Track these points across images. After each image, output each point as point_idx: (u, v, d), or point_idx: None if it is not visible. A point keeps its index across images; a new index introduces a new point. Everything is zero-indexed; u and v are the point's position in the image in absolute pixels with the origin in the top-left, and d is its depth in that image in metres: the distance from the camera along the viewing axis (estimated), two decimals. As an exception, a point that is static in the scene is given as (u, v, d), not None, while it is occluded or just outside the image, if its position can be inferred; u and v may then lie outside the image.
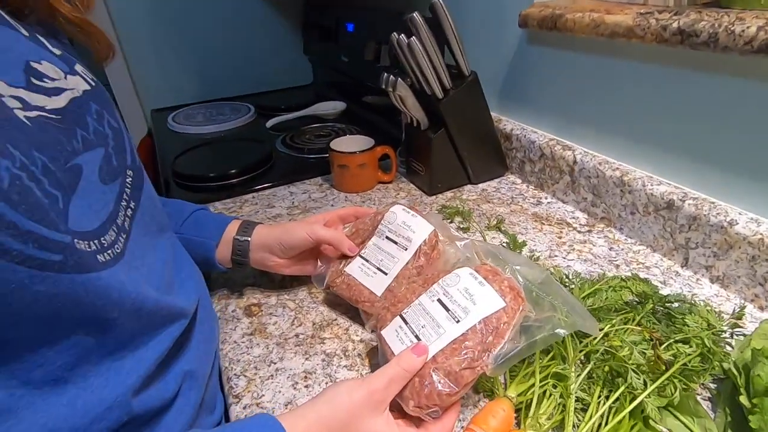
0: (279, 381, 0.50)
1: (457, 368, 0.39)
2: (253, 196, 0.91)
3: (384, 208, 0.61)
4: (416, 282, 0.50)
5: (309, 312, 0.60)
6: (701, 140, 0.61)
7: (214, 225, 0.59)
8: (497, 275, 0.46)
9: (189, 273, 0.48)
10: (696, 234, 0.61)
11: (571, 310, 0.43)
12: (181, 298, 0.43)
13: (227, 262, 0.59)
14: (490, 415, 0.39)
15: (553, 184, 0.83)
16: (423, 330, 0.44)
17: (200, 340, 0.46)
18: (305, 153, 1.08)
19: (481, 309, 0.42)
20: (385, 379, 0.39)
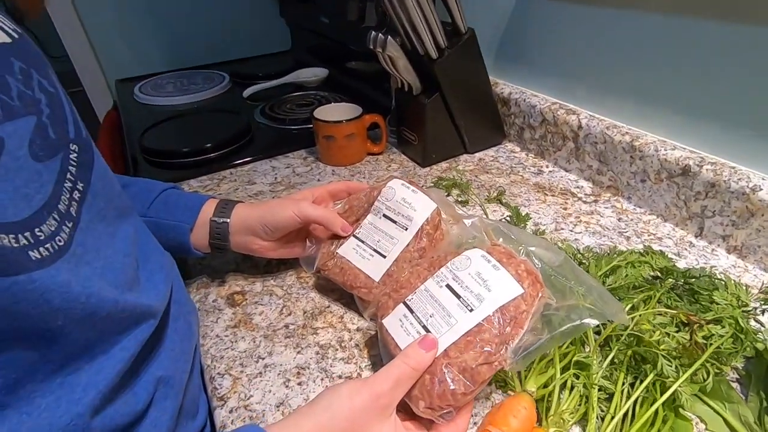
0: (269, 379, 0.45)
1: (473, 364, 0.35)
2: (231, 173, 0.83)
3: (380, 182, 0.55)
4: (420, 265, 0.44)
5: (299, 299, 0.55)
6: (721, 100, 0.56)
7: (188, 205, 0.52)
8: (512, 258, 0.41)
9: (158, 263, 0.42)
10: (713, 202, 0.57)
11: (596, 297, 0.38)
12: (148, 294, 0.37)
13: (204, 247, 0.53)
14: (511, 414, 0.34)
15: (555, 151, 0.78)
16: (431, 320, 0.39)
17: (175, 339, 0.40)
18: (287, 124, 1.00)
19: (497, 296, 0.37)
20: (391, 380, 0.34)
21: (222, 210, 0.52)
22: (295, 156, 0.88)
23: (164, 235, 0.50)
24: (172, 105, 1.18)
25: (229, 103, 1.18)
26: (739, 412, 0.38)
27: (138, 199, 0.51)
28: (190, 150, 0.88)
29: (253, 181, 0.80)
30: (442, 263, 0.43)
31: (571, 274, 0.41)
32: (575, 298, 0.38)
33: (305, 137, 0.92)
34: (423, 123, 0.76)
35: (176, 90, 1.24)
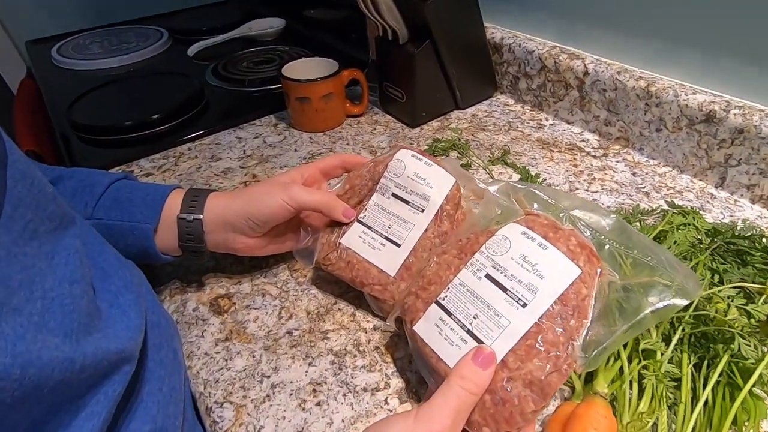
0: (279, 402, 0.37)
1: (541, 375, 0.29)
2: (190, 148, 0.71)
3: (385, 155, 0.46)
4: (448, 253, 0.37)
5: (298, 298, 0.46)
6: (747, 34, 0.50)
7: (146, 200, 0.41)
8: (557, 230, 0.34)
9: (122, 280, 0.32)
10: (740, 149, 0.53)
11: (668, 267, 0.32)
12: (116, 330, 0.28)
13: (174, 250, 0.42)
14: (591, 427, 0.29)
15: (556, 102, 0.71)
16: (476, 322, 0.32)
17: (161, 377, 0.32)
18: (246, 86, 0.86)
19: (553, 283, 0.31)
20: (450, 412, 0.27)
21: (191, 203, 0.41)
22: (263, 123, 0.76)
23: (120, 241, 0.39)
24: (102, 69, 0.99)
25: (172, 64, 1.01)
26: (811, 384, 0.35)
27: (78, 197, 0.39)
28: (134, 123, 0.73)
29: (218, 156, 0.68)
30: (474, 248, 0.35)
31: (629, 240, 0.35)
32: (645, 272, 0.32)
33: (271, 100, 0.80)
34: (412, 77, 0.67)
35: (104, 51, 1.05)
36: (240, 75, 0.90)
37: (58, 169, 0.41)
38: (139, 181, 0.45)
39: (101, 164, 0.67)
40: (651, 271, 0.33)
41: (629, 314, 0.31)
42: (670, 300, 0.30)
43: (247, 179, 0.63)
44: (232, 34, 1.07)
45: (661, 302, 0.31)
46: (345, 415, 0.36)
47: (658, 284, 0.31)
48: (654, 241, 0.35)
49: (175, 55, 1.06)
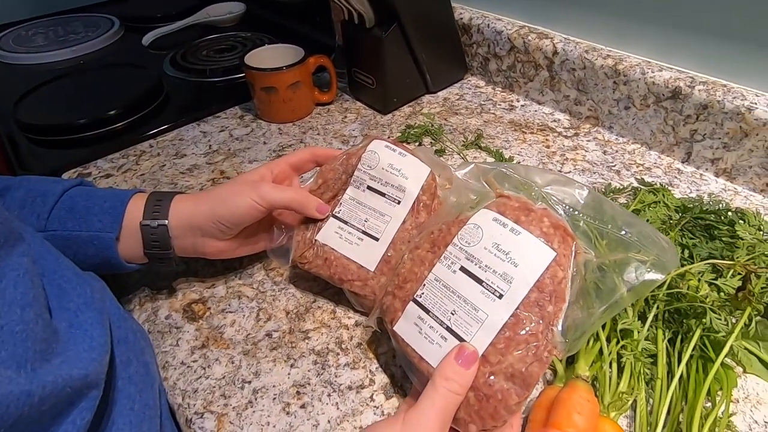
0: (263, 407, 0.37)
1: (522, 367, 0.28)
2: (152, 145, 0.67)
3: (357, 147, 0.44)
4: (420, 248, 0.36)
5: (276, 298, 0.45)
6: (710, 11, 0.51)
7: (104, 207, 0.38)
8: (530, 211, 0.33)
9: (81, 297, 0.30)
10: (704, 125, 0.54)
11: (644, 240, 0.32)
12: (77, 352, 0.26)
13: (139, 258, 0.40)
14: (575, 411, 0.29)
15: (527, 82, 0.71)
16: (454, 318, 0.31)
17: (131, 394, 0.30)
18: (208, 76, 0.82)
19: (528, 270, 0.31)
20: (437, 414, 0.27)
21: (155, 208, 0.39)
22: (228, 115, 0.73)
23: (80, 252, 0.37)
24: (49, 63, 0.93)
25: (126, 55, 0.96)
26: (777, 351, 0.37)
27: (29, 208, 0.36)
28: (88, 121, 0.69)
29: (182, 152, 0.65)
30: (447, 240, 0.34)
31: (604, 214, 0.34)
32: (621, 248, 0.32)
33: (235, 91, 0.77)
34: (381, 62, 0.65)
35: (50, 42, 0.98)
36: (200, 65, 0.85)
37: (3, 179, 0.38)
38: (96, 187, 0.42)
39: (54, 167, 0.63)
40: (626, 247, 0.32)
41: (606, 295, 0.31)
42: (645, 276, 0.31)
43: (215, 176, 0.60)
44: (188, 20, 1.02)
45: (637, 279, 0.31)
46: (331, 416, 0.36)
47: (633, 261, 0.31)
48: (631, 213, 0.35)
49: (129, 45, 1.00)
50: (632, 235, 0.32)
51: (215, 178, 0.60)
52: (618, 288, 0.31)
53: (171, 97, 0.78)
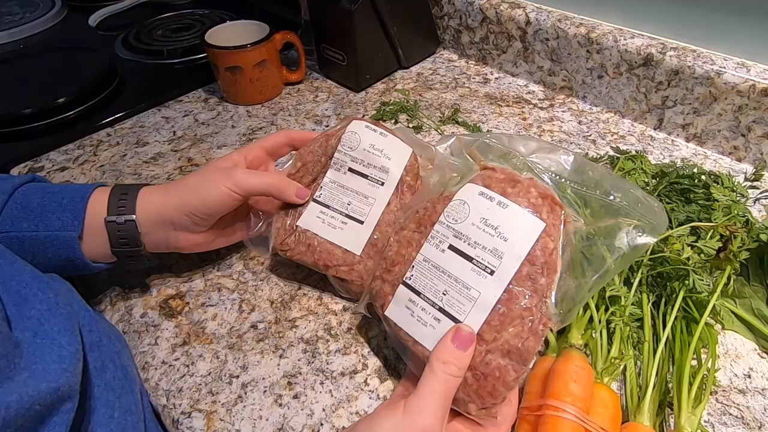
0: (253, 401, 0.35)
1: (518, 343, 0.28)
2: (109, 134, 0.63)
3: (336, 128, 0.42)
4: (406, 228, 0.35)
5: (259, 288, 0.43)
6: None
7: (63, 203, 0.35)
8: (516, 183, 0.32)
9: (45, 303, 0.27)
10: (676, 90, 0.55)
11: (633, 203, 0.32)
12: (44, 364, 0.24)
13: (107, 257, 0.37)
14: (571, 380, 0.30)
15: (500, 54, 0.70)
16: (446, 298, 0.31)
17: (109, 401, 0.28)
18: (165, 57, 0.77)
19: (518, 244, 0.30)
20: (438, 400, 0.26)
21: (120, 203, 0.36)
22: (191, 99, 0.69)
23: (39, 254, 0.34)
24: (-16, 48, 0.84)
25: (71, 38, 0.88)
26: (752, 306, 0.38)
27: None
28: (35, 110, 0.63)
29: (144, 140, 0.61)
30: (433, 218, 0.33)
31: (591, 179, 0.34)
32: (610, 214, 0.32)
33: (197, 72, 0.72)
34: (351, 37, 0.62)
35: (-17, 25, 0.89)
36: (156, 45, 0.80)
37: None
38: (51, 183, 0.39)
39: (1, 163, 0.58)
40: (615, 212, 0.32)
41: (597, 262, 0.31)
42: (637, 241, 0.31)
43: (182, 164, 0.57)
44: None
45: (629, 245, 0.31)
46: (325, 404, 0.35)
47: (623, 226, 0.31)
48: (617, 176, 0.34)
49: (74, 26, 0.92)
50: (621, 199, 0.32)
51: (183, 167, 0.57)
52: (609, 255, 0.31)
53: (126, 81, 0.72)
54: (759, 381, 0.35)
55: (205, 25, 0.84)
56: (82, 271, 0.36)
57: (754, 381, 0.35)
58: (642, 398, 0.32)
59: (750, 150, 0.53)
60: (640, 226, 0.31)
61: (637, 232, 0.31)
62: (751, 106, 0.50)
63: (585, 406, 0.29)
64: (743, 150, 0.53)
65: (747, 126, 0.51)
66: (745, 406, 0.34)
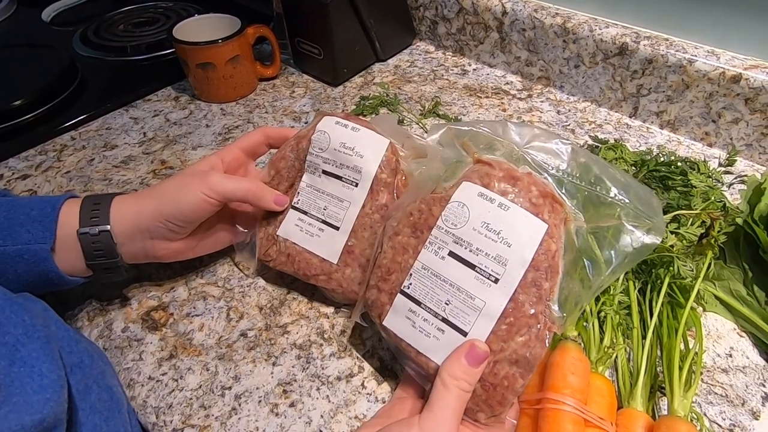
0: (248, 412, 0.34)
1: (526, 351, 0.28)
2: (74, 137, 0.59)
3: (307, 127, 0.41)
4: (401, 234, 0.33)
5: (246, 294, 0.42)
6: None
7: (31, 216, 0.33)
8: (516, 180, 0.31)
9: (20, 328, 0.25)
10: (650, 79, 0.56)
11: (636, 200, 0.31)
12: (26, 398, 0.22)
13: (81, 271, 0.35)
14: (569, 372, 0.30)
15: (477, 45, 0.69)
16: (449, 308, 0.30)
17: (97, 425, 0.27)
18: (129, 54, 0.73)
19: (522, 249, 0.29)
20: (452, 415, 0.26)
21: (93, 213, 0.34)
22: (160, 98, 0.65)
23: (9, 270, 0.31)
24: (-74, 47, 0.78)
25: (23, 34, 0.83)
26: (730, 288, 0.40)
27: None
28: (-11, 114, 0.59)
29: (112, 143, 0.58)
30: (430, 223, 0.32)
31: (590, 173, 0.33)
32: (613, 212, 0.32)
33: (164, 69, 0.69)
34: (327, 30, 0.60)
35: None
36: (118, 41, 0.75)
37: None
38: (17, 196, 0.36)
39: (-45, 172, 0.54)
40: (617, 209, 0.32)
41: (602, 265, 0.31)
42: (643, 241, 0.31)
43: (156, 167, 0.54)
44: (96, -10, 0.89)
45: (632, 246, 0.31)
46: (323, 410, 0.34)
47: (626, 227, 0.31)
48: (616, 168, 0.34)
49: (26, 21, 0.86)
50: (623, 197, 0.31)
51: (156, 170, 0.54)
52: (615, 257, 0.31)
53: (88, 80, 0.68)
54: (740, 359, 0.37)
55: (170, 19, 0.80)
56: (58, 286, 0.34)
57: (735, 360, 0.37)
58: (634, 384, 0.33)
59: (720, 135, 0.54)
60: (645, 226, 0.31)
61: (642, 233, 0.31)
62: (721, 93, 0.52)
63: (583, 398, 0.30)
64: (714, 136, 0.55)
65: (717, 112, 0.53)
66: (728, 384, 0.35)
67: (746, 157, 0.53)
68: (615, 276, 0.31)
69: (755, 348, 0.38)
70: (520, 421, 0.31)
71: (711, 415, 0.34)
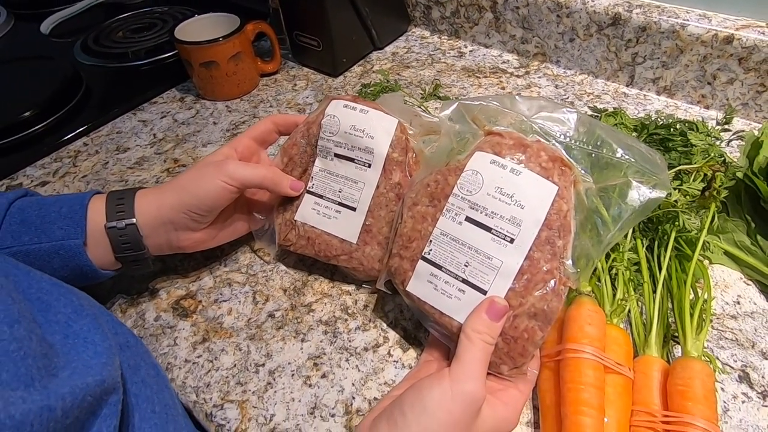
0: (283, 385, 0.36)
1: (544, 305, 0.30)
2: (86, 143, 0.61)
3: (316, 112, 0.42)
4: (420, 204, 0.35)
5: (270, 278, 0.44)
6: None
7: (62, 213, 0.34)
8: (525, 147, 0.33)
9: (70, 307, 0.27)
10: (644, 47, 0.57)
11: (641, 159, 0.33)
12: (85, 362, 0.24)
13: (110, 265, 0.37)
14: (586, 323, 0.32)
15: (472, 27, 0.71)
16: (469, 269, 0.32)
17: (149, 398, 0.29)
18: (130, 59, 0.75)
19: (534, 210, 0.31)
20: (480, 366, 0.28)
21: (118, 208, 0.36)
22: (166, 99, 0.67)
23: (44, 267, 0.33)
24: (-70, 66, 0.79)
25: (24, 47, 0.84)
26: (734, 240, 0.41)
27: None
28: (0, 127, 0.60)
29: (124, 146, 0.59)
30: (446, 191, 0.34)
31: (597, 137, 0.34)
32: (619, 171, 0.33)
33: (167, 71, 0.71)
34: (325, 21, 0.62)
35: (-76, 43, 0.83)
36: (119, 48, 0.77)
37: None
38: (43, 195, 0.38)
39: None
40: (624, 169, 0.33)
41: (611, 221, 0.32)
42: (649, 196, 0.32)
43: (169, 165, 0.56)
44: (89, 0, 0.90)
45: (640, 200, 0.32)
46: (354, 378, 0.36)
47: (632, 183, 0.33)
48: (621, 132, 0.35)
49: (25, 35, 0.87)
50: (629, 156, 0.33)
51: (170, 168, 0.56)
52: (624, 211, 0.32)
53: (93, 88, 0.70)
54: (747, 306, 0.39)
55: (167, 23, 0.81)
56: (91, 279, 0.36)
57: (743, 306, 0.39)
58: (648, 333, 0.34)
59: (716, 97, 0.56)
60: (650, 182, 0.32)
61: (648, 188, 0.32)
62: (714, 55, 0.53)
63: (601, 346, 0.31)
64: (710, 98, 0.56)
65: (712, 74, 0.54)
66: (738, 329, 0.37)
67: (743, 116, 0.55)
68: (623, 231, 0.33)
69: (762, 294, 0.39)
70: (542, 374, 0.33)
71: (723, 358, 0.36)
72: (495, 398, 0.29)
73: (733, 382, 0.34)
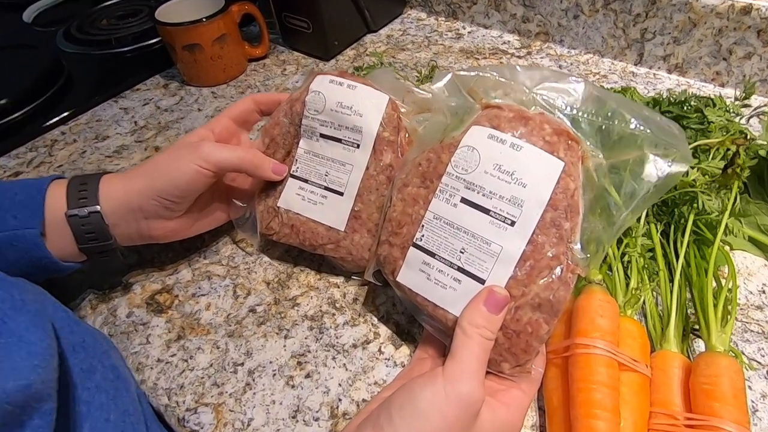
0: (263, 386, 0.33)
1: (549, 294, 0.26)
2: (64, 132, 0.57)
3: (300, 89, 0.38)
4: (410, 185, 0.32)
5: (252, 270, 0.40)
6: None
7: (16, 200, 0.31)
8: (527, 120, 0.29)
9: (6, 303, 0.24)
10: (654, 21, 0.53)
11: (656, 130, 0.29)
12: (13, 364, 0.21)
13: (74, 256, 0.34)
14: (597, 315, 0.28)
15: (470, 6, 0.67)
16: (465, 256, 0.28)
17: (104, 404, 0.26)
18: (114, 46, 0.71)
19: (538, 189, 0.27)
20: (478, 364, 0.25)
21: (80, 194, 0.32)
22: (149, 86, 0.64)
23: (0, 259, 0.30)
24: None
25: (5, 36, 0.81)
26: (758, 223, 0.38)
27: None
28: (-25, 115, 0.57)
29: (104, 134, 0.56)
30: (439, 170, 0.30)
31: (607, 108, 0.30)
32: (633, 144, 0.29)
33: (151, 58, 0.67)
34: (316, 2, 0.58)
35: None
36: (102, 35, 0.74)
37: None
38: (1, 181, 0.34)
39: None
40: (639, 142, 0.29)
41: (625, 199, 0.29)
42: (668, 170, 0.28)
43: (149, 153, 0.53)
44: (75, -12, 0.87)
45: (658, 176, 0.28)
46: (341, 379, 0.33)
47: (650, 156, 0.29)
48: (635, 102, 0.32)
49: (7, 24, 0.84)
50: (644, 127, 0.29)
51: (150, 156, 0.52)
52: (640, 188, 0.29)
53: (74, 75, 0.66)
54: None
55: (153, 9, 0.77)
56: (53, 272, 0.33)
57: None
58: (666, 326, 0.31)
59: (732, 74, 0.52)
60: (669, 155, 0.29)
61: (667, 162, 0.29)
62: (731, 27, 0.49)
63: (614, 340, 0.28)
64: (726, 75, 0.52)
65: (728, 49, 0.51)
66: (765, 321, 0.34)
67: (761, 93, 0.51)
68: (638, 212, 0.29)
69: (789, 282, 0.36)
70: (548, 372, 0.30)
71: (749, 353, 0.32)
72: (495, 400, 0.26)
73: (761, 379, 0.31)
